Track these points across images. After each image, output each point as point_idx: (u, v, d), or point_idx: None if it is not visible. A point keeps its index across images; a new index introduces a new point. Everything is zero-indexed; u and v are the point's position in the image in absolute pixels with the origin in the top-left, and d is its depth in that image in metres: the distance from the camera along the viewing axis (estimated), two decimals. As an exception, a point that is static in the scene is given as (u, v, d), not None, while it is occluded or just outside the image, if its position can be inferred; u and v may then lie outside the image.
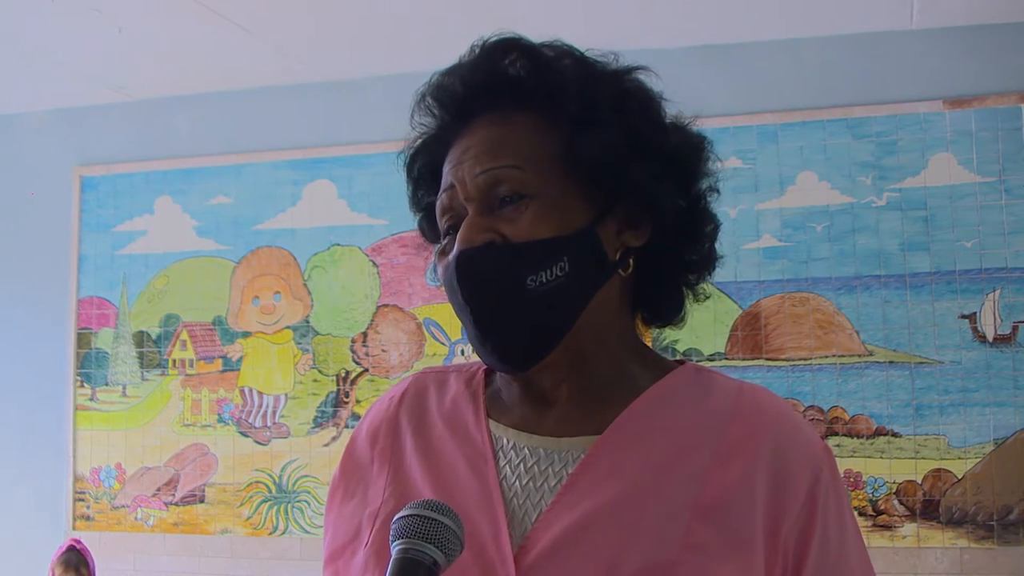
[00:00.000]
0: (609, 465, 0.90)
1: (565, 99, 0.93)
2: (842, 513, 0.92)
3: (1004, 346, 2.70)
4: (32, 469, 3.39)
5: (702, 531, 0.86)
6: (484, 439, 0.96)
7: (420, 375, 1.07)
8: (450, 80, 0.97)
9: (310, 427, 3.18)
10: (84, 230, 3.44)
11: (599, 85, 0.95)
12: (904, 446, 2.73)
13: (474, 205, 0.92)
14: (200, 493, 3.24)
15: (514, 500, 0.91)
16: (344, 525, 1.00)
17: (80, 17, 2.74)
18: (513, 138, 0.93)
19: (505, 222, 0.91)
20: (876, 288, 2.79)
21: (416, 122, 1.00)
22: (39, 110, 3.53)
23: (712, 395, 0.95)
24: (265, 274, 3.27)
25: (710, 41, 2.93)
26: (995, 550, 2.65)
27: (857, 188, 2.82)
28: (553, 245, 0.90)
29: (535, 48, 0.96)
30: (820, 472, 0.91)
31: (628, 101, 0.95)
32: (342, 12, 2.76)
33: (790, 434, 0.92)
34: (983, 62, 2.78)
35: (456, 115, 0.97)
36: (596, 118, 0.93)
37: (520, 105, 0.94)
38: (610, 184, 0.93)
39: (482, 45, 0.96)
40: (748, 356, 2.85)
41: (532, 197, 0.91)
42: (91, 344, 3.39)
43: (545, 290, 0.90)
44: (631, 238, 0.95)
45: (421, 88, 0.99)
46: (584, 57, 0.97)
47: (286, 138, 3.27)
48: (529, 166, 0.91)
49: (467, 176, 0.92)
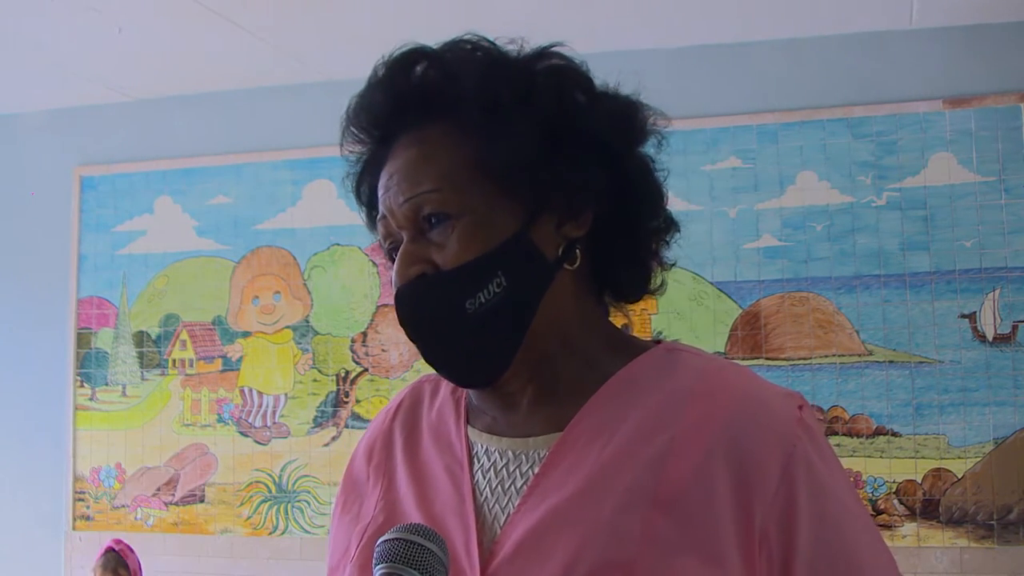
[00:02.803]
0: (570, 461, 0.88)
1: (467, 107, 0.90)
2: (833, 483, 0.87)
3: (1004, 346, 2.70)
4: (32, 469, 3.39)
5: (661, 523, 0.83)
6: (462, 446, 0.95)
7: (418, 384, 1.07)
8: (363, 104, 0.96)
9: (310, 427, 3.18)
10: (84, 230, 3.44)
11: (503, 83, 0.91)
12: (904, 446, 2.73)
13: (406, 232, 0.91)
14: (200, 493, 3.24)
15: (484, 505, 0.91)
16: (340, 541, 1.00)
17: (80, 17, 2.74)
18: (429, 157, 0.91)
19: (435, 248, 0.89)
20: (876, 288, 2.79)
21: (346, 149, 0.99)
22: (39, 110, 3.53)
23: (675, 375, 0.92)
24: (265, 274, 3.27)
25: (710, 41, 2.93)
26: (995, 549, 2.65)
27: (857, 188, 2.82)
28: (484, 263, 0.88)
29: (438, 55, 0.94)
30: (793, 447, 0.85)
31: (538, 92, 0.91)
32: (342, 12, 2.76)
33: (752, 412, 0.87)
34: (983, 62, 2.78)
35: (379, 139, 0.96)
36: (502, 121, 0.89)
37: (432, 117, 0.92)
38: (533, 183, 0.89)
39: (386, 63, 0.95)
40: (748, 356, 2.85)
41: (456, 217, 0.89)
42: (91, 344, 3.39)
43: (486, 310, 0.88)
44: (572, 229, 0.92)
45: (343, 115, 0.98)
46: (491, 52, 0.93)
47: (286, 138, 3.27)
48: (447, 185, 0.89)
49: (393, 205, 0.91)
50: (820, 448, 0.88)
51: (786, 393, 0.91)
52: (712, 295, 2.88)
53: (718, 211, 2.88)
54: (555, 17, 2.64)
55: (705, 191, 2.87)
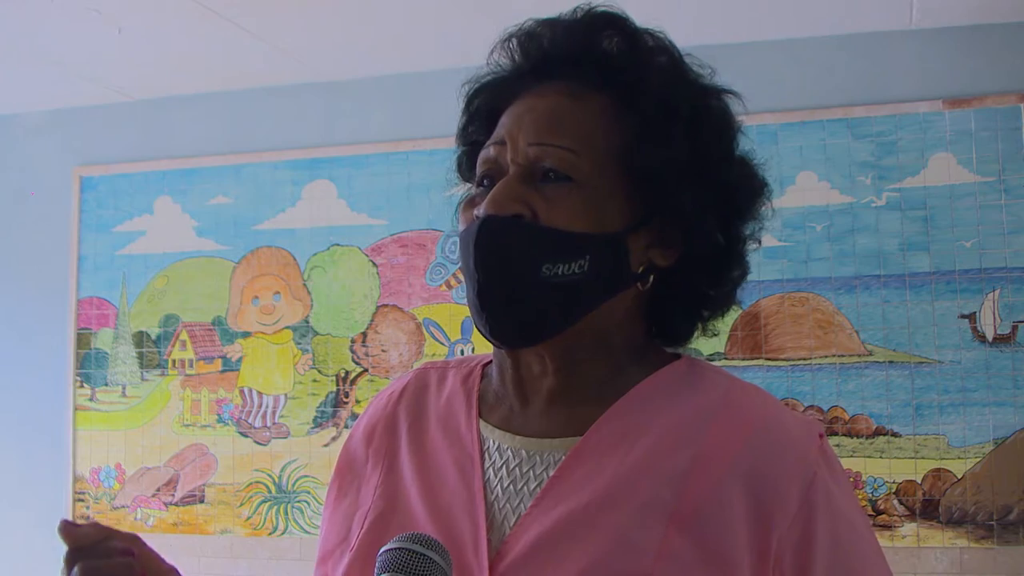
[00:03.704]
0: (588, 468, 0.87)
1: (645, 97, 0.90)
2: (850, 510, 0.88)
3: (1004, 346, 2.70)
4: (32, 469, 3.39)
5: (678, 541, 0.82)
6: (473, 440, 0.94)
7: (422, 370, 1.05)
8: (542, 32, 0.94)
9: (310, 427, 3.18)
10: (84, 230, 3.43)
11: (683, 95, 0.92)
12: (904, 446, 2.73)
13: (517, 169, 0.89)
14: (200, 493, 3.24)
15: (495, 504, 0.89)
16: (336, 526, 0.99)
17: (80, 17, 2.74)
18: (580, 118, 0.90)
19: (542, 199, 0.88)
20: (876, 288, 2.79)
21: (492, 59, 0.96)
22: (39, 110, 3.52)
23: (699, 391, 0.92)
24: (265, 274, 3.27)
25: (710, 41, 2.93)
26: (995, 550, 2.65)
27: (857, 188, 2.82)
28: (580, 240, 0.87)
29: (637, 33, 0.93)
30: (814, 474, 0.86)
31: (705, 122, 0.92)
32: (342, 12, 2.76)
33: (774, 438, 0.88)
34: (983, 62, 2.78)
35: (534, 68, 0.94)
36: (667, 128, 0.89)
37: (600, 84, 0.91)
38: (657, 199, 0.90)
39: (587, 10, 0.94)
40: (748, 356, 2.85)
41: (578, 184, 0.88)
42: (91, 344, 3.39)
43: (557, 282, 0.87)
44: (658, 256, 0.92)
45: (510, 28, 0.95)
46: (680, 60, 0.94)
47: (286, 138, 3.27)
48: (585, 153, 0.88)
49: (521, 139, 0.89)
50: (837, 476, 0.89)
51: (807, 420, 0.92)
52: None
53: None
54: (555, 17, 2.63)
55: (705, 191, 2.87)
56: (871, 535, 0.91)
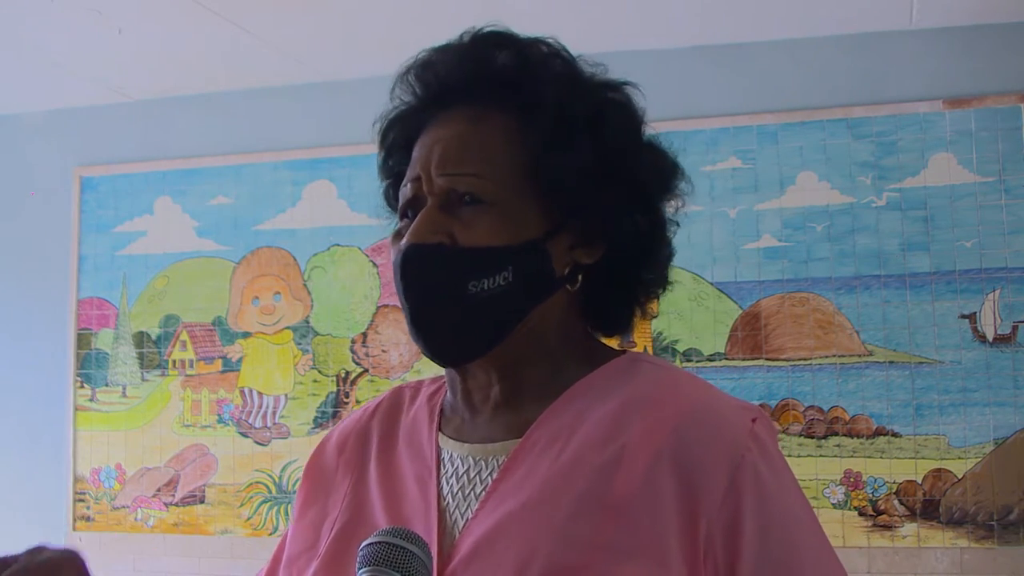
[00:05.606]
0: (527, 468, 0.90)
1: (541, 110, 0.92)
2: (781, 494, 0.88)
3: (1004, 346, 2.70)
4: (32, 469, 3.39)
5: (611, 529, 0.84)
6: (432, 453, 0.97)
7: (398, 389, 1.09)
8: (436, 60, 0.97)
9: (310, 427, 3.18)
10: (84, 230, 3.43)
11: (579, 100, 0.94)
12: (904, 446, 2.73)
13: (435, 200, 0.92)
14: (200, 494, 3.24)
15: (447, 511, 0.92)
16: (304, 532, 1.02)
17: (80, 17, 2.74)
18: (483, 141, 0.93)
19: (460, 224, 0.91)
20: (876, 288, 2.79)
21: (396, 95, 1.00)
22: (39, 110, 3.53)
23: (632, 383, 0.94)
24: (265, 274, 3.27)
25: (710, 41, 2.93)
26: (995, 550, 2.65)
27: (857, 188, 2.82)
28: (500, 254, 0.90)
29: (526, 47, 0.95)
30: (742, 457, 0.86)
31: (606, 122, 0.94)
32: (342, 12, 2.76)
33: (702, 420, 0.88)
34: (983, 62, 2.78)
35: (435, 98, 0.97)
36: (568, 138, 0.92)
37: (498, 103, 0.94)
38: (570, 203, 0.93)
39: (473, 34, 0.96)
40: (748, 356, 2.85)
41: (490, 204, 0.91)
42: (91, 345, 3.39)
43: (485, 297, 0.90)
44: (582, 255, 0.95)
45: (406, 62, 0.99)
46: (573, 64, 0.96)
47: (286, 138, 3.27)
48: (491, 175, 0.91)
49: (433, 171, 0.93)
50: (770, 459, 0.88)
51: (742, 405, 0.92)
52: (712, 296, 2.88)
53: (718, 211, 2.88)
54: (555, 18, 2.63)
55: (705, 191, 2.87)
56: (811, 520, 0.91)
